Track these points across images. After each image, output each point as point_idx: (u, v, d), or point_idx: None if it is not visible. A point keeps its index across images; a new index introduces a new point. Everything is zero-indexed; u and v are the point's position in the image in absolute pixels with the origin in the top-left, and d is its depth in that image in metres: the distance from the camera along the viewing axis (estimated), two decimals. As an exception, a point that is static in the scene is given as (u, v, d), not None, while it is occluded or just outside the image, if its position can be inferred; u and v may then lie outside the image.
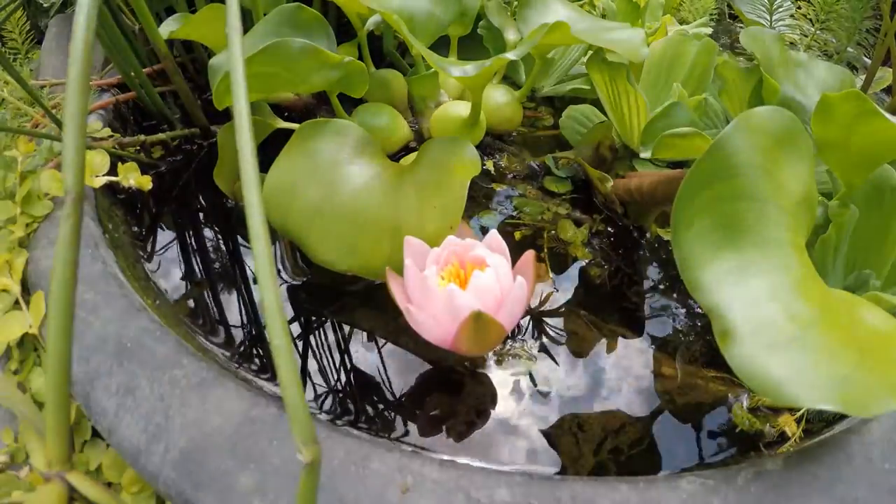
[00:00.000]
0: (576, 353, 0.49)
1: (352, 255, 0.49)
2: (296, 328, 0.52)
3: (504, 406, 0.45)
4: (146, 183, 0.55)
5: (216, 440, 0.35)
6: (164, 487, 0.35)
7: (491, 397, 0.46)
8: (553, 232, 0.60)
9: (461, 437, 0.43)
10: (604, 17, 0.82)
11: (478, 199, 0.63)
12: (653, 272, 0.58)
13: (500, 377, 0.47)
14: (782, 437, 0.44)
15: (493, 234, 0.46)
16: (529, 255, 0.45)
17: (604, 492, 0.33)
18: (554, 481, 0.34)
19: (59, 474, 0.26)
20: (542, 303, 0.53)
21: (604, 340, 0.50)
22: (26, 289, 0.49)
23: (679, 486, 0.33)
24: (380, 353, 0.49)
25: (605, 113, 0.65)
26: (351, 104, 0.67)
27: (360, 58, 0.65)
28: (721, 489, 0.33)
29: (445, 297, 0.41)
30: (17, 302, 0.47)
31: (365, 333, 0.51)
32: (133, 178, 0.54)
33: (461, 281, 0.44)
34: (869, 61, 0.79)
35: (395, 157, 0.63)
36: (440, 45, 0.70)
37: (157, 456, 0.36)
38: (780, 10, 0.87)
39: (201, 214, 0.65)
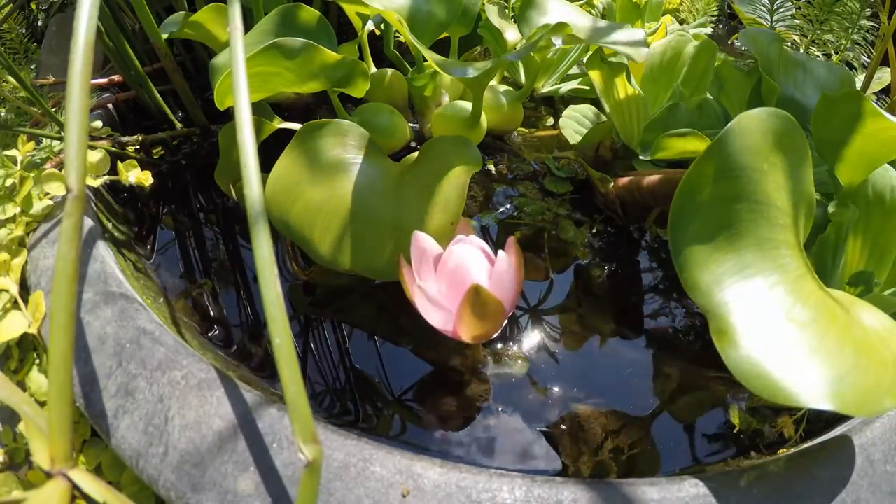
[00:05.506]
0: (576, 353, 0.49)
1: (353, 254, 0.49)
2: (296, 327, 0.52)
3: (504, 406, 0.45)
4: (146, 179, 0.55)
5: (216, 442, 0.35)
6: (164, 490, 0.35)
7: (491, 397, 0.46)
8: (553, 232, 0.60)
9: (461, 437, 0.43)
10: (603, 17, 0.82)
11: (478, 198, 0.63)
12: (652, 272, 0.58)
13: (500, 377, 0.47)
14: (782, 438, 0.44)
15: (471, 236, 0.48)
16: (511, 239, 0.46)
17: (605, 494, 0.33)
18: (556, 483, 0.34)
19: (62, 472, 0.25)
20: (541, 302, 0.54)
21: (604, 340, 0.50)
22: (25, 288, 0.49)
23: (682, 489, 0.33)
24: (379, 353, 0.49)
25: (605, 113, 0.65)
26: (352, 104, 0.67)
27: (361, 58, 0.65)
28: (724, 492, 0.33)
29: (454, 262, 0.44)
30: (15, 302, 0.47)
31: (365, 333, 0.51)
32: (133, 174, 0.54)
33: None
34: (868, 61, 0.79)
35: (397, 156, 0.63)
36: (440, 45, 0.70)
37: (157, 458, 0.36)
38: (781, 10, 0.87)
39: (201, 214, 0.65)
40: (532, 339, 0.50)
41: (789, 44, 0.89)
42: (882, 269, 0.47)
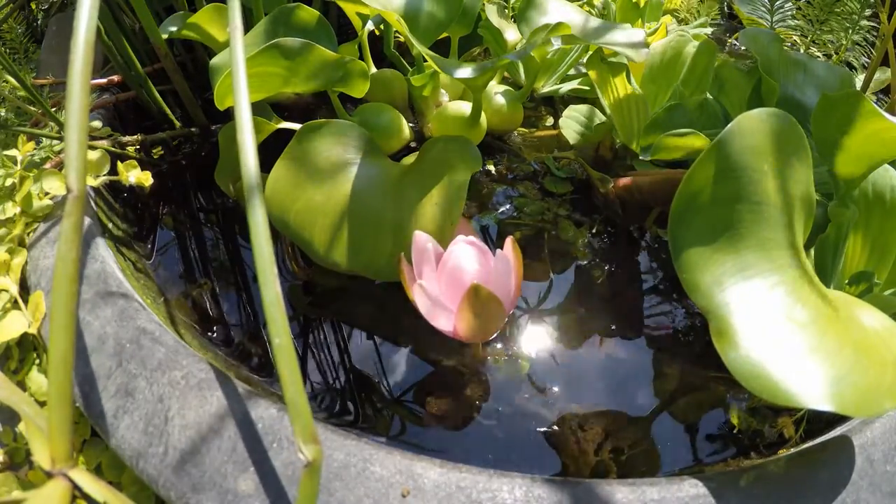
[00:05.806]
0: (575, 353, 0.49)
1: (354, 254, 0.49)
2: (296, 327, 0.52)
3: (504, 406, 0.45)
4: (146, 179, 0.55)
5: (216, 442, 0.35)
6: (164, 490, 0.35)
7: (491, 397, 0.46)
8: (553, 232, 0.60)
9: (461, 437, 0.43)
10: (603, 16, 0.82)
11: (478, 199, 0.63)
12: (652, 272, 0.58)
13: (500, 377, 0.47)
14: (782, 438, 0.44)
15: (471, 236, 0.47)
16: (510, 239, 0.47)
17: (606, 494, 0.33)
18: (556, 483, 0.34)
19: (63, 472, 0.25)
20: (541, 302, 0.53)
21: (603, 340, 0.50)
22: (25, 288, 0.49)
23: (682, 489, 0.33)
24: (379, 353, 0.49)
25: (604, 113, 0.65)
26: (352, 104, 0.67)
27: (361, 58, 0.65)
28: (723, 492, 0.33)
29: (454, 262, 0.44)
30: (15, 302, 0.47)
31: (365, 333, 0.51)
32: (133, 174, 0.54)
33: None
34: (868, 61, 0.79)
35: (396, 156, 0.63)
36: (440, 45, 0.70)
37: (157, 458, 0.36)
38: (781, 10, 0.87)
39: (201, 214, 0.65)
40: (532, 339, 0.50)
41: (789, 44, 0.89)
42: (882, 269, 0.47)
